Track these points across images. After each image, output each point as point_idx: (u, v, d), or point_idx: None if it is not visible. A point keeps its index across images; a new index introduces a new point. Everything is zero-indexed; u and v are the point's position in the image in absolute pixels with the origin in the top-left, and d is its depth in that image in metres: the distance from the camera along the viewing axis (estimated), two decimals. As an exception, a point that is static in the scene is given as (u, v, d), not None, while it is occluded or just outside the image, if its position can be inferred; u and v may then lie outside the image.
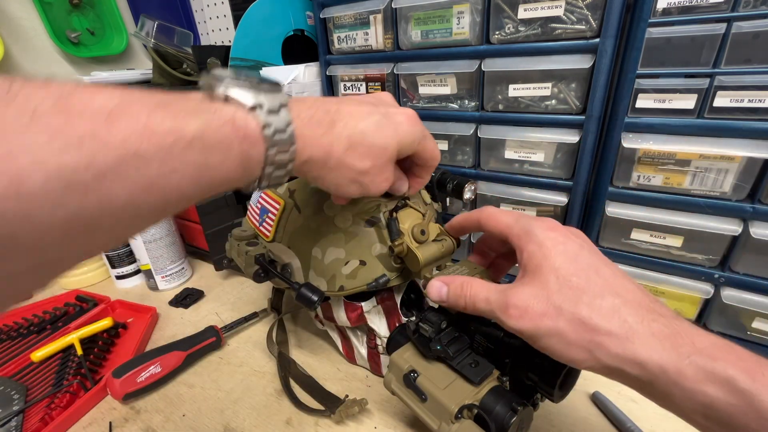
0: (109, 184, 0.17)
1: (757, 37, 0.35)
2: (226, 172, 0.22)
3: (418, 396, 0.31)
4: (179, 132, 0.19)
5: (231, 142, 0.22)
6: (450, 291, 0.30)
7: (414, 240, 0.37)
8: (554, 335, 0.23)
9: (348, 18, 0.57)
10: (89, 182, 0.16)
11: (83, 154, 0.16)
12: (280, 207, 0.42)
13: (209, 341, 0.49)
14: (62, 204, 0.16)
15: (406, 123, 0.32)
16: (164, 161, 0.19)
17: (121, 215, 0.18)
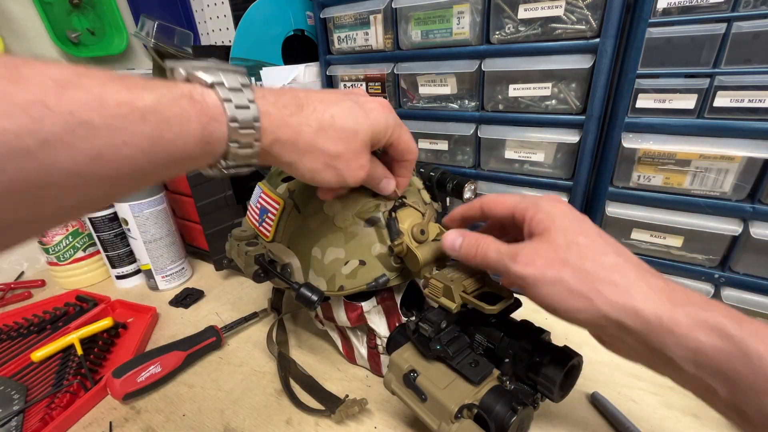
0: (53, 151, 0.17)
1: (757, 37, 0.35)
2: (183, 146, 0.22)
3: (418, 396, 0.31)
4: (132, 104, 0.19)
5: (188, 115, 0.22)
6: (464, 242, 0.31)
7: (414, 240, 0.37)
8: (557, 283, 0.24)
9: (348, 18, 0.57)
10: (32, 149, 0.16)
11: (28, 121, 0.16)
12: (280, 207, 0.42)
13: (209, 341, 0.49)
14: (1, 168, 0.16)
15: (379, 109, 0.32)
16: (114, 132, 0.19)
17: (68, 184, 0.18)
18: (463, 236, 0.31)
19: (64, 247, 0.65)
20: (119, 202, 0.59)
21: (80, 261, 0.67)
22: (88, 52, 0.89)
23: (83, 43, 0.89)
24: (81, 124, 0.18)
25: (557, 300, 0.25)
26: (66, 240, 0.65)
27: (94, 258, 0.69)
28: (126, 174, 0.20)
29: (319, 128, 0.29)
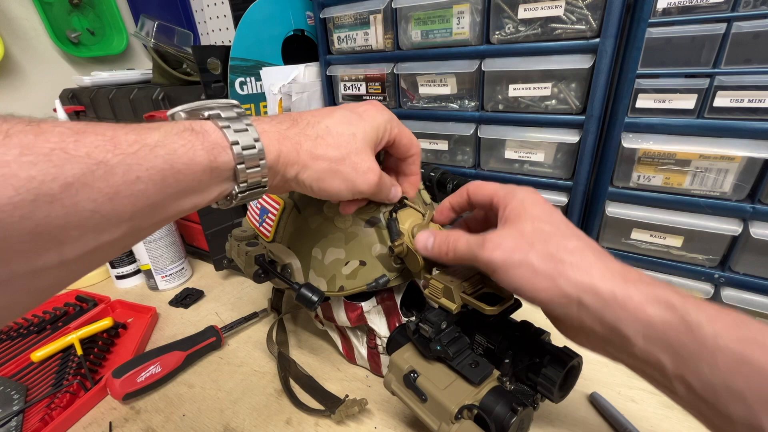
0: (75, 193, 0.18)
1: (757, 37, 0.35)
2: (193, 175, 0.23)
3: (418, 396, 0.31)
4: (142, 141, 0.21)
5: (193, 144, 0.23)
6: (435, 241, 0.31)
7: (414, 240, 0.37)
8: (523, 266, 0.26)
9: (348, 18, 0.57)
10: (56, 193, 0.17)
11: (51, 167, 0.17)
12: (280, 207, 0.42)
13: (209, 341, 0.49)
14: (29, 215, 0.17)
15: (371, 110, 0.33)
16: (128, 169, 0.20)
17: (88, 224, 0.19)
18: (434, 235, 0.32)
19: (64, 247, 0.65)
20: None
21: (80, 261, 0.67)
22: (88, 52, 0.89)
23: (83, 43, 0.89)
24: (98, 165, 0.19)
25: (523, 281, 0.26)
26: (66, 240, 0.65)
27: (94, 258, 0.69)
28: (141, 209, 0.21)
29: (316, 137, 0.30)
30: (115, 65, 0.94)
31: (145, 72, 0.78)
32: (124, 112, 0.66)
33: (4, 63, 0.71)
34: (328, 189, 0.31)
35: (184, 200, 0.24)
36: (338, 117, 0.31)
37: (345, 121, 0.31)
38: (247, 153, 0.26)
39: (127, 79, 0.76)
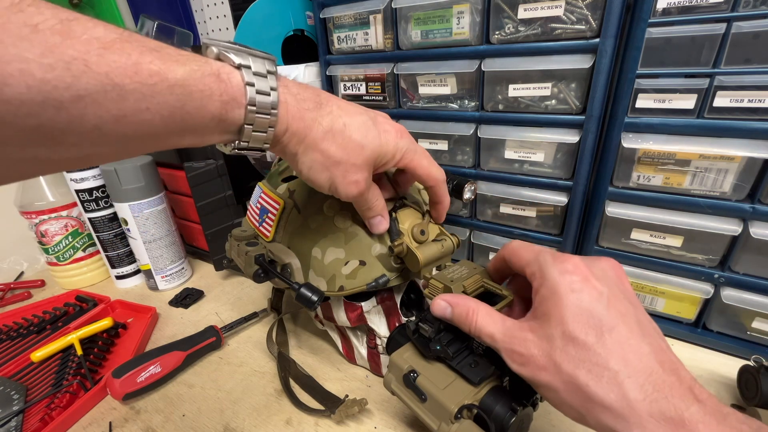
0: (83, 107, 0.18)
1: (757, 37, 0.35)
2: (201, 120, 0.24)
3: (418, 396, 0.31)
4: (163, 75, 0.21)
5: (211, 92, 0.23)
6: (454, 314, 0.29)
7: (414, 240, 0.37)
8: (550, 390, 0.23)
9: (348, 18, 0.57)
10: (65, 101, 0.18)
11: (68, 75, 0.17)
12: (280, 207, 0.42)
13: (209, 341, 0.49)
14: (35, 114, 0.17)
15: (393, 132, 0.33)
16: (141, 99, 0.20)
17: (86, 137, 0.20)
18: (453, 306, 0.29)
19: (63, 247, 0.65)
20: (119, 202, 0.59)
21: (80, 261, 0.67)
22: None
23: (83, 43, 0.89)
24: (114, 87, 0.19)
25: (551, 402, 0.24)
26: (66, 240, 0.65)
27: (94, 258, 0.69)
28: (141, 135, 0.22)
29: (329, 130, 0.29)
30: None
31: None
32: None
33: (3, 63, 0.71)
34: (314, 179, 0.31)
35: (184, 137, 0.24)
36: (360, 121, 0.31)
37: (363, 128, 0.31)
38: (259, 116, 0.26)
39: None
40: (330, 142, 0.29)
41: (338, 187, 0.31)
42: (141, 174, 0.58)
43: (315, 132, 0.29)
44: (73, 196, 0.62)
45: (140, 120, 0.21)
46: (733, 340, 0.45)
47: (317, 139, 0.29)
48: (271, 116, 0.26)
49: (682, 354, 0.46)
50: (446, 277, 0.33)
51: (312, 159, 0.30)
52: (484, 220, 0.57)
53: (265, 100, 0.26)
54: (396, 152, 0.33)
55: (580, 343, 0.22)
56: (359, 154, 0.30)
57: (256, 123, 0.26)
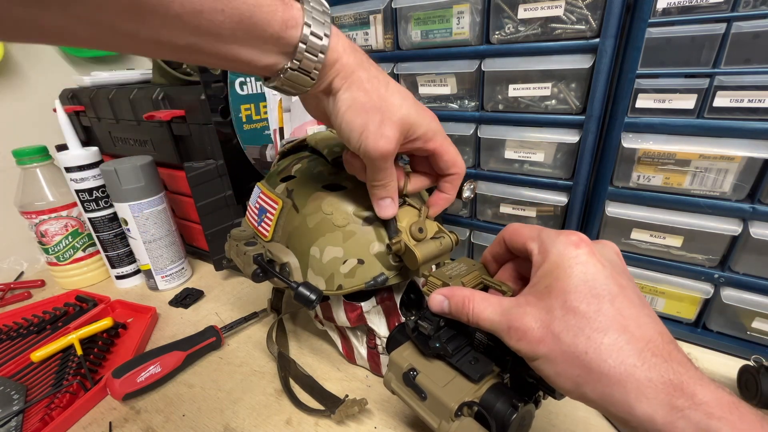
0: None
1: (757, 37, 0.35)
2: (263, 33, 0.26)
3: (418, 394, 0.31)
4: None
5: (277, 9, 0.26)
6: (452, 305, 0.29)
7: (412, 238, 0.37)
8: (548, 361, 0.23)
9: (348, 18, 0.57)
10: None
11: None
12: (279, 207, 0.42)
13: (209, 341, 0.49)
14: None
15: (429, 112, 0.34)
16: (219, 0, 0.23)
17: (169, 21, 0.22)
18: (449, 298, 0.29)
19: (63, 247, 0.65)
20: (119, 202, 0.59)
21: (80, 261, 0.67)
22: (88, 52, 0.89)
23: (83, 43, 0.89)
24: None
25: (546, 376, 0.23)
26: (66, 240, 0.65)
27: (94, 258, 0.69)
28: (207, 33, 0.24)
29: (373, 78, 0.31)
30: (115, 65, 0.94)
31: (145, 72, 0.78)
32: (124, 112, 0.66)
33: (4, 63, 0.71)
34: (349, 121, 0.31)
35: (244, 50, 0.27)
36: (400, 88, 0.33)
37: (402, 94, 0.32)
38: (313, 39, 0.28)
39: (127, 79, 0.76)
40: (375, 86, 0.31)
41: (369, 136, 0.31)
42: (141, 174, 0.58)
43: (362, 72, 0.30)
44: (73, 196, 0.62)
45: (213, 19, 0.24)
46: (733, 340, 0.45)
47: (363, 78, 0.30)
48: (322, 42, 0.28)
49: (682, 354, 0.46)
50: (445, 274, 0.33)
51: (354, 97, 0.30)
52: (484, 220, 0.57)
53: (320, 27, 0.28)
54: (428, 130, 0.34)
55: (580, 313, 0.22)
56: (397, 111, 0.31)
57: (309, 45, 0.28)
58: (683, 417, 0.19)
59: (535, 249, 0.26)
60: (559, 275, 0.23)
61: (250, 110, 0.61)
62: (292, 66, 0.28)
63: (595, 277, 0.23)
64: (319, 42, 0.28)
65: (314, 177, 0.42)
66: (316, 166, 0.43)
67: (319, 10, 0.28)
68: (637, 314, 0.22)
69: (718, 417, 0.18)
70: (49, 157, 0.63)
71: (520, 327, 0.24)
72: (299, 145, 0.48)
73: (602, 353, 0.21)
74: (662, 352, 0.21)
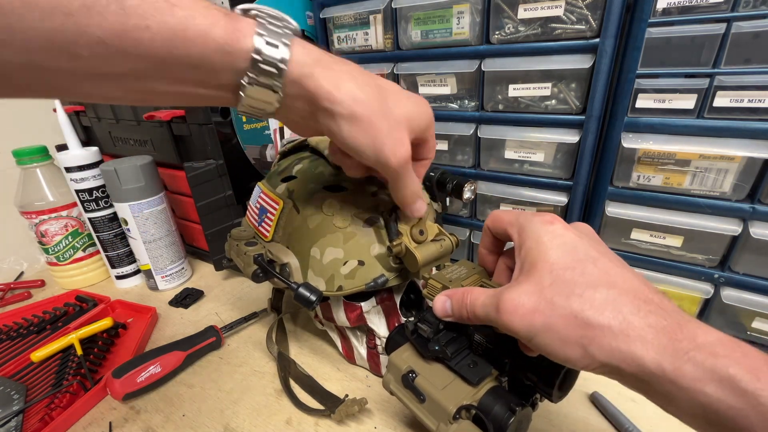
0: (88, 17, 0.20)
1: (757, 37, 0.35)
2: (203, 49, 0.23)
3: (417, 396, 0.31)
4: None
5: (216, 20, 0.24)
6: (453, 304, 0.29)
7: (412, 240, 0.37)
8: (548, 331, 0.22)
9: (348, 18, 0.57)
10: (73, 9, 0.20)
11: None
12: (279, 207, 0.42)
13: (209, 341, 0.49)
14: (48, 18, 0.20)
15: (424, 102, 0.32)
16: (142, 16, 0.21)
17: (95, 50, 0.21)
18: (450, 297, 0.29)
19: (63, 247, 0.65)
20: (119, 202, 0.59)
21: (80, 261, 0.67)
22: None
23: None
24: (117, 2, 0.21)
25: (551, 350, 0.22)
26: (66, 240, 0.65)
27: (94, 258, 0.69)
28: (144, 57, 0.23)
29: (363, 84, 0.27)
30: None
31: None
32: (124, 112, 0.66)
33: (4, 63, 0.71)
34: (354, 141, 0.28)
35: (191, 74, 0.24)
36: (390, 85, 0.30)
37: (396, 91, 0.30)
38: (268, 49, 0.25)
39: (127, 79, 0.76)
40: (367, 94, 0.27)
41: (384, 146, 0.28)
42: (141, 174, 0.58)
43: (348, 84, 0.27)
44: (73, 196, 0.62)
45: (141, 38, 0.22)
46: (733, 341, 0.45)
47: (353, 90, 0.27)
48: (280, 48, 0.25)
49: (682, 354, 0.46)
50: (445, 277, 0.33)
51: (355, 113, 0.27)
52: (484, 220, 0.57)
53: (276, 37, 0.25)
54: (429, 119, 0.32)
55: (568, 278, 0.22)
56: (399, 110, 0.29)
57: (264, 55, 0.24)
58: (689, 360, 0.19)
59: (515, 234, 0.27)
60: (540, 250, 0.24)
61: (250, 110, 0.61)
62: (249, 80, 0.25)
63: (575, 246, 0.24)
64: (276, 51, 0.25)
65: (315, 178, 0.42)
66: (317, 166, 0.43)
67: (278, 24, 0.26)
68: (621, 272, 0.23)
69: (723, 356, 0.18)
70: (49, 157, 0.63)
71: (510, 300, 0.23)
72: (300, 145, 0.49)
73: (598, 308, 0.21)
74: (653, 300, 0.21)
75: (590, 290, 0.22)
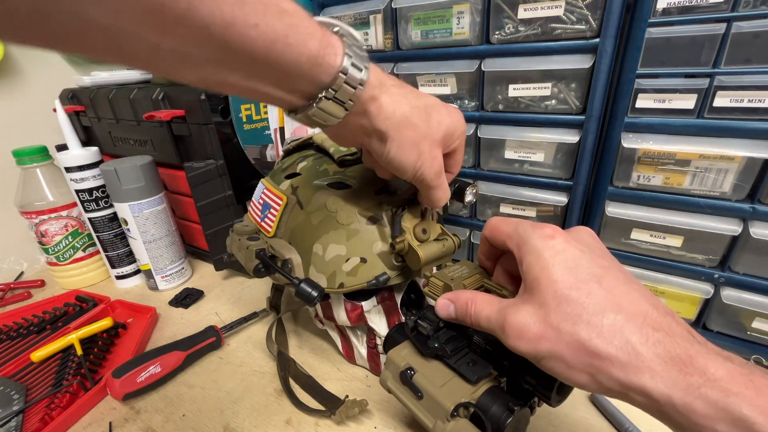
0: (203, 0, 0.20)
1: (757, 37, 0.35)
2: (298, 56, 0.25)
3: (414, 393, 0.31)
4: (277, 2, 0.23)
5: (313, 32, 0.25)
6: (457, 309, 0.29)
7: (415, 238, 0.37)
8: (554, 358, 0.22)
9: (348, 18, 0.57)
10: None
11: None
12: (283, 203, 0.42)
13: (209, 341, 0.49)
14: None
15: (457, 113, 0.34)
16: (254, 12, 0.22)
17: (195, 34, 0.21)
18: (454, 302, 0.29)
19: (63, 247, 0.65)
20: (119, 202, 0.59)
21: (80, 261, 0.67)
22: (88, 52, 0.89)
23: (83, 43, 0.89)
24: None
25: (559, 374, 0.22)
26: (66, 240, 0.65)
27: (94, 258, 0.69)
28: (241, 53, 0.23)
29: (415, 107, 0.30)
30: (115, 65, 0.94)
31: (145, 72, 0.78)
32: (124, 112, 0.66)
33: (4, 63, 0.71)
34: (401, 159, 0.31)
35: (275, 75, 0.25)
36: (433, 102, 0.32)
37: (438, 108, 0.32)
38: (353, 70, 0.27)
39: (127, 79, 0.76)
40: (418, 117, 0.30)
41: (424, 163, 0.31)
42: (141, 174, 0.58)
43: (404, 107, 0.30)
44: (73, 196, 0.62)
45: (246, 34, 0.22)
46: (733, 340, 0.45)
47: (407, 114, 0.30)
48: (362, 74, 0.27)
49: (682, 354, 0.46)
50: (447, 276, 0.33)
51: (403, 136, 0.30)
52: (484, 220, 0.57)
53: (360, 59, 0.27)
54: (462, 132, 0.34)
55: (573, 300, 0.22)
56: (438, 130, 0.32)
57: (350, 75, 0.27)
58: (700, 396, 0.18)
59: (514, 247, 0.27)
60: (542, 266, 0.23)
61: (251, 110, 0.61)
62: (327, 95, 0.27)
63: (577, 263, 0.23)
64: (359, 74, 0.27)
65: (319, 175, 0.42)
66: (321, 164, 0.43)
67: (358, 45, 0.28)
68: (627, 291, 0.22)
69: (735, 393, 0.18)
70: (49, 157, 0.63)
71: (516, 324, 0.23)
72: (305, 143, 0.49)
73: (605, 337, 0.20)
74: (662, 325, 0.21)
75: (597, 316, 0.21)
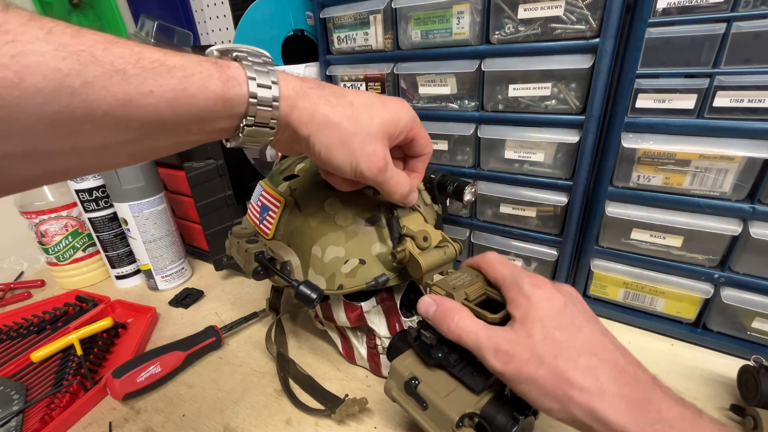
0: (92, 92, 0.20)
1: (757, 37, 0.35)
2: (205, 101, 0.25)
3: (419, 404, 0.31)
4: (162, 61, 0.23)
5: (211, 73, 0.25)
6: (437, 312, 0.30)
7: (416, 246, 0.37)
8: (532, 382, 0.25)
9: (348, 18, 0.57)
10: (76, 87, 0.20)
11: (77, 63, 0.20)
12: (281, 205, 0.42)
13: (209, 341, 0.49)
14: (51, 101, 0.19)
15: (398, 104, 0.34)
16: (143, 82, 0.22)
17: (100, 122, 0.21)
18: (437, 305, 0.30)
19: (63, 247, 0.65)
20: (119, 202, 0.59)
21: (80, 261, 0.67)
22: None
23: (83, 43, 0.89)
24: (117, 72, 0.21)
25: (532, 399, 0.25)
26: (66, 240, 0.65)
27: (94, 258, 0.69)
28: (150, 122, 0.23)
29: (336, 105, 0.30)
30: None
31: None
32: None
33: (4, 63, 0.71)
34: (333, 160, 0.31)
35: (194, 126, 0.25)
36: (364, 98, 0.32)
37: (369, 103, 0.32)
38: (262, 90, 0.27)
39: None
40: (341, 115, 0.30)
41: (360, 161, 0.31)
42: (141, 174, 0.58)
43: (323, 108, 0.30)
44: (73, 196, 0.62)
45: (146, 104, 0.22)
46: (733, 340, 0.45)
47: (327, 113, 0.30)
48: (272, 92, 0.27)
49: (682, 354, 0.46)
50: (449, 284, 0.33)
51: (327, 137, 0.30)
52: (484, 220, 0.57)
53: (264, 77, 0.27)
54: (406, 123, 0.34)
55: (556, 340, 0.25)
56: (371, 123, 0.31)
57: (260, 98, 0.27)
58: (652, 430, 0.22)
59: (506, 290, 0.30)
60: (532, 306, 0.27)
61: (250, 110, 0.61)
62: (248, 122, 0.27)
63: (562, 311, 0.27)
64: (269, 92, 0.27)
65: (317, 176, 0.42)
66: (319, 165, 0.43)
67: (260, 62, 0.28)
68: (603, 341, 0.26)
69: (679, 429, 0.22)
70: (49, 157, 0.63)
71: (508, 350, 0.26)
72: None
73: (580, 372, 0.24)
74: (629, 371, 0.24)
75: (575, 356, 0.25)
